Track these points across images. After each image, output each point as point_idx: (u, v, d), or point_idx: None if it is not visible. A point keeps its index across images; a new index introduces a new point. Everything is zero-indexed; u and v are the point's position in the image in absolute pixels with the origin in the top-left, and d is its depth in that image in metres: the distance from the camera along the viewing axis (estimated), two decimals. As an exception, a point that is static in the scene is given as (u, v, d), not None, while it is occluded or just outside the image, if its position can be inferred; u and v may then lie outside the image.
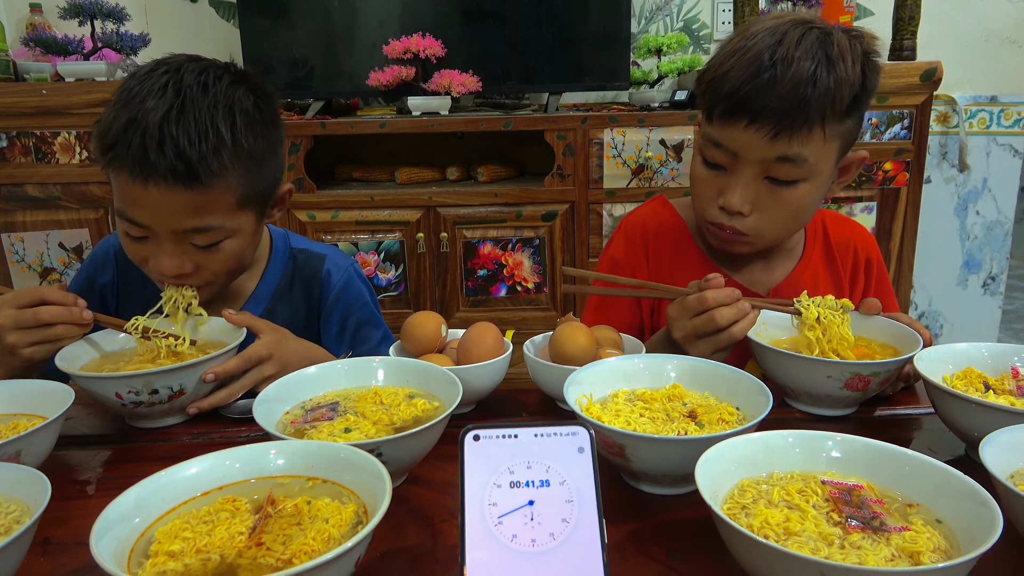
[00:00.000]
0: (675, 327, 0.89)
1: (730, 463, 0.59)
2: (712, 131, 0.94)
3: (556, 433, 0.50)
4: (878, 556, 0.49)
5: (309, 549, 0.50)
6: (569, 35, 2.39)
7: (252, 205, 0.96)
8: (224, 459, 0.59)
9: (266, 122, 0.95)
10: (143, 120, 0.85)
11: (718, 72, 0.92)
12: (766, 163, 0.92)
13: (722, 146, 0.93)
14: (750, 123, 0.89)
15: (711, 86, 0.93)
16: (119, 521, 0.52)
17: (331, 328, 1.14)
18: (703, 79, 0.95)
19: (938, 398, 0.75)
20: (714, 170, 0.97)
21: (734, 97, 0.89)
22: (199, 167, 0.86)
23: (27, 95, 2.14)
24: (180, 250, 0.92)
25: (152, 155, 0.84)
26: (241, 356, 0.88)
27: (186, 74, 0.89)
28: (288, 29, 2.40)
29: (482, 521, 0.47)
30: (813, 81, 0.87)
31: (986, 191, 2.87)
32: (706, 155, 0.97)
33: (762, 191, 0.94)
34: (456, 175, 2.41)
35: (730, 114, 0.90)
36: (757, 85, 0.88)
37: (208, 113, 0.87)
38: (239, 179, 0.91)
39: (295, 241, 1.17)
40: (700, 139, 0.98)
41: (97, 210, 2.25)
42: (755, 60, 0.88)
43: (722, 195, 0.95)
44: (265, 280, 1.11)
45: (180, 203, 0.87)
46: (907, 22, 2.22)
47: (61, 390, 0.76)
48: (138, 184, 0.86)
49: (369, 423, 0.71)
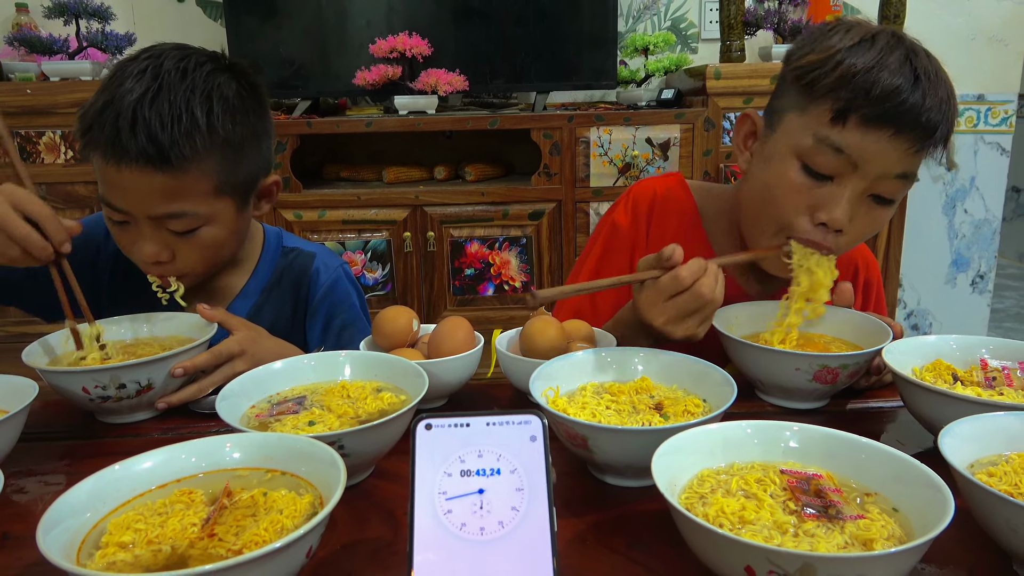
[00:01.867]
0: (653, 313, 0.83)
1: (689, 455, 0.58)
2: (839, 135, 0.84)
3: (508, 422, 0.50)
4: (831, 544, 0.49)
5: (260, 539, 0.50)
6: (556, 34, 2.40)
7: (231, 193, 0.95)
8: (180, 452, 0.59)
9: (248, 110, 0.94)
10: (118, 102, 0.86)
11: (856, 69, 0.83)
12: (882, 178, 0.86)
13: (844, 153, 0.84)
14: (897, 133, 0.82)
15: (846, 86, 0.83)
16: (70, 514, 0.51)
17: (316, 327, 1.14)
18: (823, 78, 0.85)
19: (905, 390, 0.75)
20: (816, 180, 0.87)
21: (888, 102, 0.81)
22: (170, 151, 0.86)
23: (12, 95, 2.14)
24: (158, 236, 0.92)
25: (124, 137, 0.85)
26: (212, 351, 0.87)
27: (166, 60, 0.90)
28: (275, 28, 2.40)
29: (431, 510, 0.47)
30: (948, 99, 0.84)
31: (974, 189, 2.88)
32: (814, 161, 0.86)
33: (861, 207, 0.88)
34: (444, 174, 2.41)
35: (878, 120, 0.82)
36: (914, 95, 0.82)
37: (184, 97, 0.87)
38: (214, 165, 0.91)
39: (287, 240, 1.17)
40: (804, 142, 0.87)
41: (83, 210, 2.24)
42: (900, 67, 0.82)
43: (822, 209, 0.87)
44: (255, 277, 1.10)
45: (154, 187, 0.88)
46: (892, 20, 2.23)
47: (25, 384, 0.75)
48: (112, 166, 0.87)
49: (334, 416, 0.70)
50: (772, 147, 0.92)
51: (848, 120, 0.84)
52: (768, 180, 0.92)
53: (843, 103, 0.84)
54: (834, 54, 0.85)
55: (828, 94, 0.85)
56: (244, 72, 0.96)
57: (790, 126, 0.90)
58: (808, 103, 0.87)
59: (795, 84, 0.89)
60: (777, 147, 0.91)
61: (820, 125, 0.86)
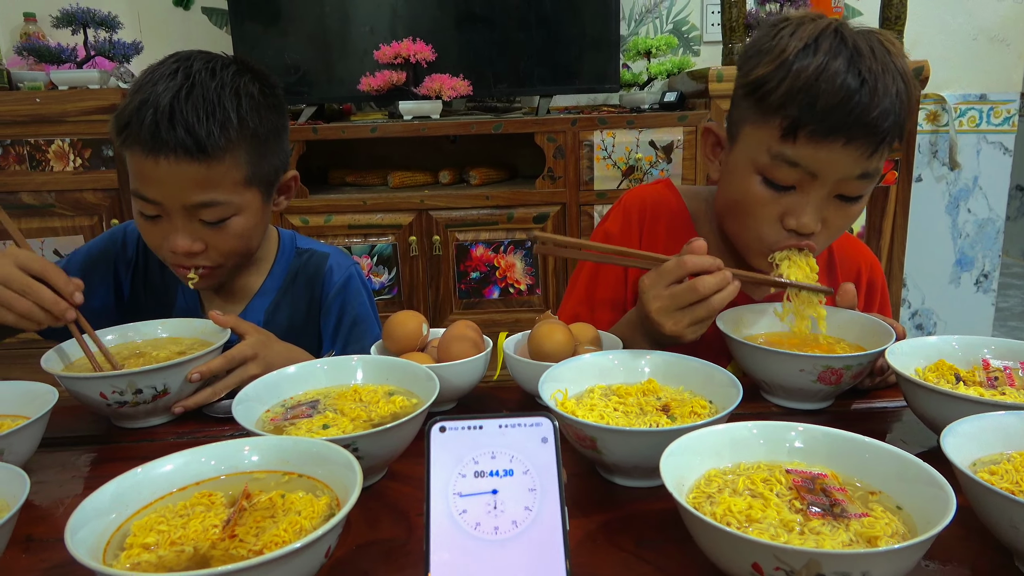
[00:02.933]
0: (649, 297, 0.83)
1: (696, 455, 0.60)
2: (791, 150, 0.86)
3: (520, 424, 0.51)
4: (835, 541, 0.50)
5: (280, 540, 0.51)
6: (559, 38, 2.41)
7: (258, 184, 1.01)
8: (200, 456, 0.60)
9: (270, 107, 1.01)
10: (155, 100, 0.92)
11: (799, 83, 0.84)
12: (844, 181, 0.87)
13: (800, 166, 0.86)
14: (848, 142, 0.84)
15: (792, 103, 0.84)
16: (95, 516, 0.53)
17: (329, 323, 1.17)
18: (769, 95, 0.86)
19: (908, 390, 0.76)
20: (779, 191, 0.89)
21: (833, 115, 0.83)
22: (207, 141, 0.92)
23: (21, 103, 2.16)
24: (191, 228, 0.97)
25: (163, 130, 0.91)
26: (225, 356, 0.89)
27: (195, 62, 0.96)
28: (280, 35, 2.43)
29: (446, 511, 0.48)
30: (897, 93, 0.84)
31: (977, 189, 2.88)
32: (774, 176, 0.88)
33: (829, 208, 0.90)
34: (448, 178, 2.42)
35: (826, 133, 0.84)
36: (860, 101, 0.82)
37: (216, 93, 0.94)
38: (245, 156, 0.97)
39: (301, 241, 1.21)
40: (760, 159, 0.89)
41: (91, 217, 2.26)
42: (843, 74, 0.83)
43: (791, 216, 0.89)
44: (271, 277, 1.15)
45: (189, 176, 0.93)
46: (893, 21, 2.23)
47: (45, 391, 0.77)
48: (150, 159, 0.92)
49: (347, 420, 0.72)
50: (734, 161, 0.94)
51: (798, 135, 0.85)
52: (735, 195, 0.94)
53: (790, 120, 0.85)
54: (780, 65, 0.86)
55: (777, 110, 0.86)
56: (264, 74, 1.03)
57: (747, 140, 0.91)
58: (760, 117, 0.88)
59: (747, 99, 0.90)
60: (738, 161, 0.93)
61: (773, 141, 0.87)
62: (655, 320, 0.83)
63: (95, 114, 2.17)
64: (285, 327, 1.10)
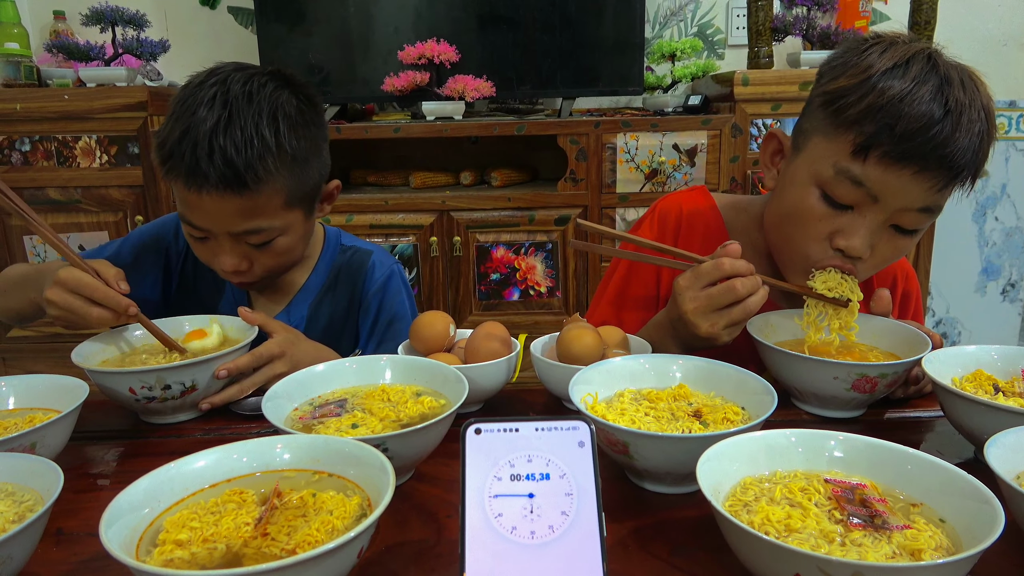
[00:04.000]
0: (685, 298, 0.83)
1: (732, 461, 0.59)
2: (858, 168, 0.82)
3: (557, 427, 0.51)
4: (879, 553, 0.49)
5: (313, 540, 0.51)
6: (583, 40, 2.40)
7: (300, 204, 1.02)
8: (232, 452, 0.60)
9: (308, 123, 1.01)
10: (194, 132, 0.92)
11: (882, 101, 0.80)
12: (904, 211, 0.84)
13: (864, 186, 0.83)
14: (921, 171, 0.80)
15: (870, 119, 0.81)
16: (129, 510, 0.53)
17: (367, 321, 1.18)
18: (848, 108, 0.82)
19: (946, 400, 0.74)
20: (835, 209, 0.86)
21: (912, 140, 0.79)
22: (246, 174, 0.92)
23: (50, 100, 2.19)
24: (238, 249, 0.99)
25: (203, 165, 0.91)
26: (253, 353, 0.89)
27: (232, 84, 0.95)
28: (305, 35, 2.44)
29: (482, 513, 0.48)
30: (980, 132, 0.81)
31: (1005, 197, 2.84)
32: (834, 192, 0.85)
33: (882, 236, 0.87)
34: (470, 179, 2.42)
35: (900, 157, 0.80)
36: (942, 132, 0.79)
37: (253, 121, 0.93)
38: (285, 181, 0.97)
39: (346, 239, 1.23)
40: (824, 172, 0.85)
41: (116, 213, 2.28)
42: (929, 101, 0.79)
43: (841, 236, 0.86)
44: (315, 273, 1.17)
45: (232, 208, 0.94)
46: (923, 26, 2.20)
47: (76, 385, 0.77)
48: (192, 192, 0.93)
49: (376, 420, 0.71)
50: (795, 170, 0.91)
51: (869, 155, 0.82)
52: (789, 206, 0.91)
53: (865, 137, 0.81)
54: (864, 80, 0.82)
55: (853, 125, 0.82)
56: (301, 85, 1.02)
57: (814, 151, 0.88)
58: (833, 130, 0.85)
59: (823, 108, 0.87)
60: (799, 171, 0.90)
61: (841, 156, 0.84)
62: (690, 321, 0.83)
63: (122, 111, 2.18)
64: (326, 323, 1.13)
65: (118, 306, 0.86)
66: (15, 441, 0.67)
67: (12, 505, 0.57)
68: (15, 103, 2.18)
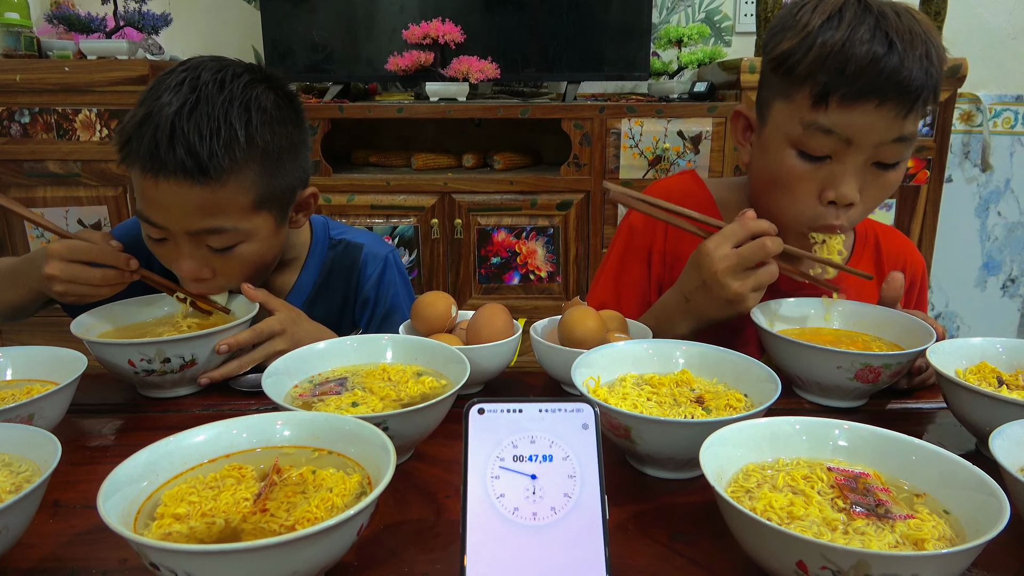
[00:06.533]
0: (716, 257, 0.84)
1: (735, 447, 0.58)
2: (824, 117, 0.85)
3: (560, 409, 0.50)
4: (882, 542, 0.49)
5: (312, 516, 0.51)
6: (589, 24, 2.38)
7: (269, 207, 0.93)
8: (232, 427, 0.60)
9: (286, 120, 0.93)
10: (156, 115, 0.84)
11: (827, 49, 0.84)
12: (880, 146, 0.86)
13: (834, 133, 0.85)
14: (881, 103, 0.83)
15: (820, 70, 0.84)
16: (127, 483, 0.52)
17: (364, 315, 1.16)
18: (797, 66, 0.86)
19: (950, 391, 0.74)
20: (815, 163, 0.88)
21: (864, 76, 0.82)
22: (209, 163, 0.84)
23: (50, 72, 2.17)
24: (198, 253, 0.90)
25: (162, 150, 0.83)
26: (254, 329, 0.88)
27: (203, 71, 0.88)
28: (308, 12, 2.41)
29: (484, 494, 0.47)
30: (927, 53, 0.83)
31: (1008, 192, 2.83)
32: (808, 146, 0.88)
33: (867, 176, 0.89)
34: (472, 162, 2.41)
35: (858, 95, 0.83)
36: (890, 62, 0.82)
37: (222, 109, 0.86)
38: (254, 177, 0.89)
39: (335, 230, 1.16)
40: (793, 131, 0.88)
41: (116, 188, 2.27)
42: (870, 40, 0.82)
43: (829, 188, 0.88)
44: (305, 273, 1.11)
45: (192, 201, 0.86)
46: (932, 18, 2.18)
47: (74, 357, 0.77)
48: (149, 179, 0.85)
49: (376, 398, 0.71)
50: (767, 138, 0.94)
51: (830, 101, 0.85)
52: (770, 171, 0.94)
53: (821, 86, 0.85)
54: (804, 38, 0.86)
55: (806, 79, 0.86)
56: (280, 83, 0.95)
57: (778, 115, 0.91)
58: (790, 89, 0.88)
59: (775, 74, 0.90)
60: (771, 138, 0.93)
61: (804, 111, 0.87)
62: (721, 282, 0.84)
63: (122, 85, 2.16)
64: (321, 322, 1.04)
65: (118, 261, 0.85)
66: (13, 412, 0.66)
67: (9, 476, 0.57)
68: (15, 74, 2.15)
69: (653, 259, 1.10)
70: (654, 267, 1.09)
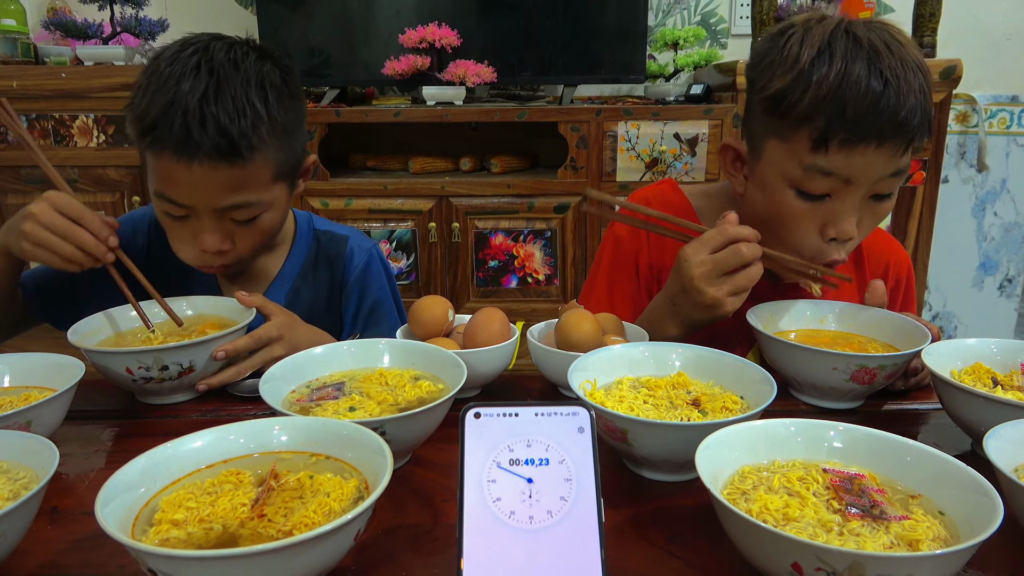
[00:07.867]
0: (692, 263, 0.84)
1: (731, 450, 0.59)
2: (824, 160, 0.84)
3: (557, 413, 0.50)
4: (876, 543, 0.49)
5: (310, 521, 0.51)
6: (585, 27, 2.39)
7: (285, 177, 0.99)
8: (229, 433, 0.60)
9: (293, 94, 0.98)
10: (182, 101, 0.87)
11: (823, 92, 0.82)
12: (878, 181, 0.86)
13: (835, 174, 0.85)
14: (881, 144, 0.83)
15: (819, 113, 0.83)
16: (125, 489, 0.53)
17: (350, 307, 1.17)
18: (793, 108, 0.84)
19: (945, 392, 0.74)
20: (814, 201, 0.88)
21: (864, 120, 0.81)
22: (240, 142, 0.88)
23: (47, 78, 2.17)
24: (221, 227, 0.95)
25: (195, 134, 0.87)
26: (251, 335, 0.89)
27: (215, 52, 0.91)
28: (305, 17, 2.41)
29: (480, 498, 0.47)
30: (920, 88, 0.83)
31: (1004, 192, 2.84)
32: (808, 187, 0.87)
33: (864, 209, 0.89)
34: (469, 165, 2.41)
35: (858, 138, 0.82)
36: (888, 102, 0.81)
37: (243, 89, 0.90)
38: (275, 152, 0.94)
39: (318, 223, 1.19)
40: (793, 172, 0.87)
41: (113, 193, 2.26)
42: (866, 78, 0.81)
43: (831, 226, 0.88)
44: (291, 260, 1.13)
45: (222, 180, 0.90)
46: (927, 19, 2.19)
47: (72, 364, 0.77)
48: (182, 163, 0.88)
49: (374, 403, 0.71)
50: (762, 176, 0.92)
51: (830, 145, 0.84)
52: (768, 210, 0.92)
53: (820, 130, 0.83)
54: (797, 76, 0.84)
55: (804, 122, 0.84)
56: (281, 58, 0.99)
57: (774, 154, 0.89)
58: (786, 131, 0.87)
59: (768, 113, 0.88)
60: (767, 175, 0.91)
61: (803, 153, 0.86)
62: (697, 288, 0.84)
63: (120, 91, 2.16)
64: (306, 312, 1.06)
65: (100, 231, 0.87)
66: (10, 419, 0.66)
67: (7, 483, 0.57)
68: (11, 80, 2.15)
69: (641, 269, 1.10)
70: (642, 276, 1.10)
